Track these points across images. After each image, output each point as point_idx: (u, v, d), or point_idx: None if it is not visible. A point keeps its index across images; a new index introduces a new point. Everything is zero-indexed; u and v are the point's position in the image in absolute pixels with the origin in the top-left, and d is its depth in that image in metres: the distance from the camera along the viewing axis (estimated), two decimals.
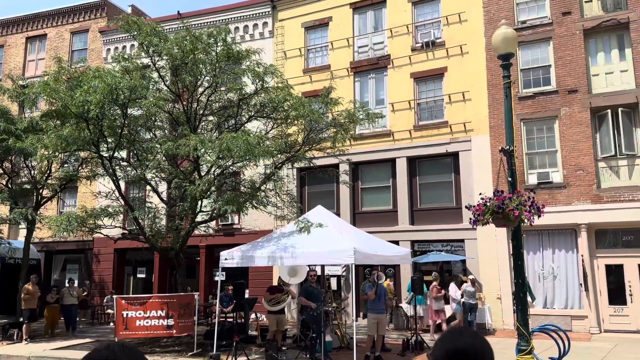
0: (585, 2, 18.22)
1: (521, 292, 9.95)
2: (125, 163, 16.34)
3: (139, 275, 23.87)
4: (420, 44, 20.06)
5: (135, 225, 15.10)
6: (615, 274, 16.74)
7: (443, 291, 16.06)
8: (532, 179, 17.71)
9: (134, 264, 23.97)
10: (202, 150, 13.01)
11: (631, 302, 16.41)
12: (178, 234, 15.15)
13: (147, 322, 13.83)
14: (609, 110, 17.15)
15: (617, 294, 16.61)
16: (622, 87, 17.26)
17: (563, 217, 16.83)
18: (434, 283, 16.22)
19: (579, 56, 17.70)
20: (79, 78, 13.92)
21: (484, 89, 18.81)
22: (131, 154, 16.24)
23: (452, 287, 15.93)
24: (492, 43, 10.64)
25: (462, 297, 16.11)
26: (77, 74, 14.70)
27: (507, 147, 10.14)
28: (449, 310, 16.63)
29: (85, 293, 20.92)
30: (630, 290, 16.46)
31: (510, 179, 10.07)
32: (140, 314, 13.89)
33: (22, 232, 21.63)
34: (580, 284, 16.83)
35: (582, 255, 16.81)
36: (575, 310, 16.96)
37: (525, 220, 9.49)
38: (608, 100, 17.21)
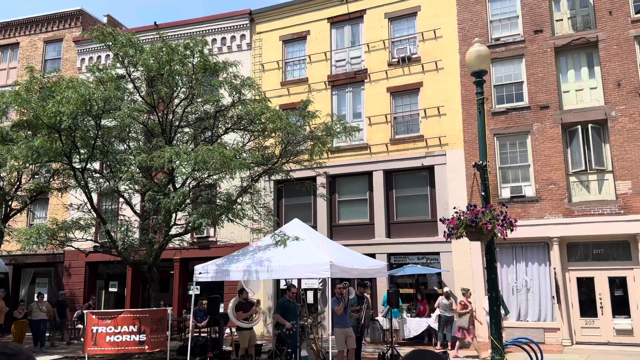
0: (556, 20, 18.69)
1: (495, 305, 10.06)
2: (98, 175, 16.09)
3: (110, 289, 23.42)
4: (396, 59, 20.30)
5: (107, 238, 14.83)
6: (586, 287, 17.02)
7: (469, 307, 14.97)
8: (506, 193, 17.98)
9: (106, 277, 23.53)
10: (177, 162, 12.88)
11: (602, 314, 16.69)
12: (151, 247, 14.93)
13: (117, 338, 13.52)
14: (579, 126, 17.54)
15: (588, 307, 16.87)
16: (591, 104, 17.70)
17: (535, 230, 17.09)
18: (462, 299, 15.31)
19: (550, 73, 18.11)
20: (51, 88, 13.69)
21: (458, 104, 19.10)
22: (104, 165, 16.02)
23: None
24: (466, 60, 10.82)
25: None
26: (50, 84, 14.46)
27: (481, 162, 10.29)
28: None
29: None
30: (600, 303, 16.75)
31: (483, 193, 10.21)
32: (110, 329, 13.57)
33: None
34: (553, 297, 17.07)
35: (554, 268, 17.07)
36: (548, 323, 17.17)
37: (498, 234, 9.62)
38: (578, 116, 17.62)
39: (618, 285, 16.68)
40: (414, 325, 16.98)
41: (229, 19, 23.12)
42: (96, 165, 16.14)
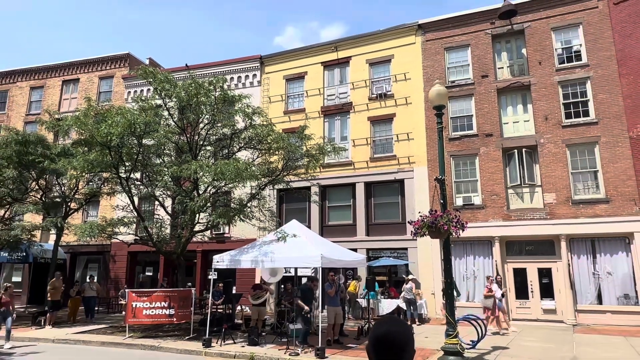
0: (499, 68, 18.88)
1: (449, 289, 10.03)
2: (138, 182, 15.99)
3: (147, 274, 23.18)
4: (375, 95, 20.39)
5: (145, 233, 14.70)
6: (520, 275, 17.02)
7: (493, 291, 13.63)
8: (459, 201, 18.01)
9: (143, 264, 23.29)
10: (201, 173, 12.82)
11: (532, 297, 16.68)
12: (179, 240, 14.80)
13: (152, 312, 13.38)
14: (515, 150, 17.65)
15: (522, 291, 16.86)
16: (525, 133, 17.83)
17: (481, 231, 17.11)
18: (487, 284, 14.14)
19: (493, 109, 18.25)
20: (104, 114, 13.64)
21: (423, 131, 19.17)
22: (144, 175, 15.91)
23: (495, 286, 13.83)
24: (429, 97, 10.89)
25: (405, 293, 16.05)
26: (103, 111, 14.42)
27: (440, 176, 10.32)
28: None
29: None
30: (531, 288, 16.75)
31: (442, 201, 10.23)
32: (146, 304, 13.44)
33: (52, 237, 20.87)
34: None
35: (495, 261, 17.07)
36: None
37: (453, 233, 9.63)
38: (515, 142, 17.73)
39: (545, 274, 16.71)
40: (387, 305, 16.85)
41: (244, 62, 23.18)
42: (137, 175, 16.03)
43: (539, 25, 18.18)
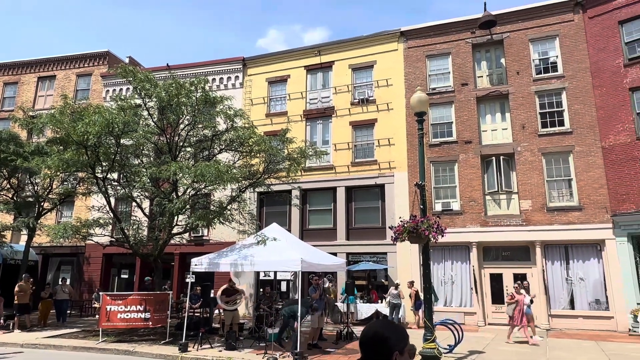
0: (478, 77, 19.22)
1: (428, 293, 10.11)
2: (116, 183, 15.63)
3: (122, 276, 22.65)
4: (357, 100, 20.49)
5: (121, 234, 14.37)
6: (496, 281, 17.29)
7: (516, 297, 13.08)
8: (438, 207, 18.21)
9: (119, 266, 22.76)
10: (180, 175, 12.61)
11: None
12: (157, 243, 14.52)
13: (127, 315, 13.07)
14: (493, 157, 17.97)
15: (498, 296, 17.11)
16: (503, 141, 18.18)
17: (459, 236, 17.33)
18: (512, 291, 13.60)
19: (472, 116, 18.55)
20: (81, 113, 13.29)
21: (404, 136, 19.35)
22: (121, 176, 15.56)
23: (523, 291, 13.24)
24: (410, 104, 10.99)
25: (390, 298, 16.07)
26: (80, 109, 14.05)
27: (420, 182, 10.42)
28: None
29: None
30: (507, 293, 16.97)
31: (422, 207, 10.32)
32: (121, 308, 13.13)
33: (24, 238, 20.21)
34: (471, 288, 17.27)
35: (473, 266, 17.30)
36: (467, 308, 17.35)
37: (432, 239, 9.73)
38: (493, 150, 18.05)
39: (520, 279, 16.97)
40: (365, 309, 16.89)
41: (226, 64, 22.99)
42: (115, 175, 15.67)
43: (517, 36, 18.61)
